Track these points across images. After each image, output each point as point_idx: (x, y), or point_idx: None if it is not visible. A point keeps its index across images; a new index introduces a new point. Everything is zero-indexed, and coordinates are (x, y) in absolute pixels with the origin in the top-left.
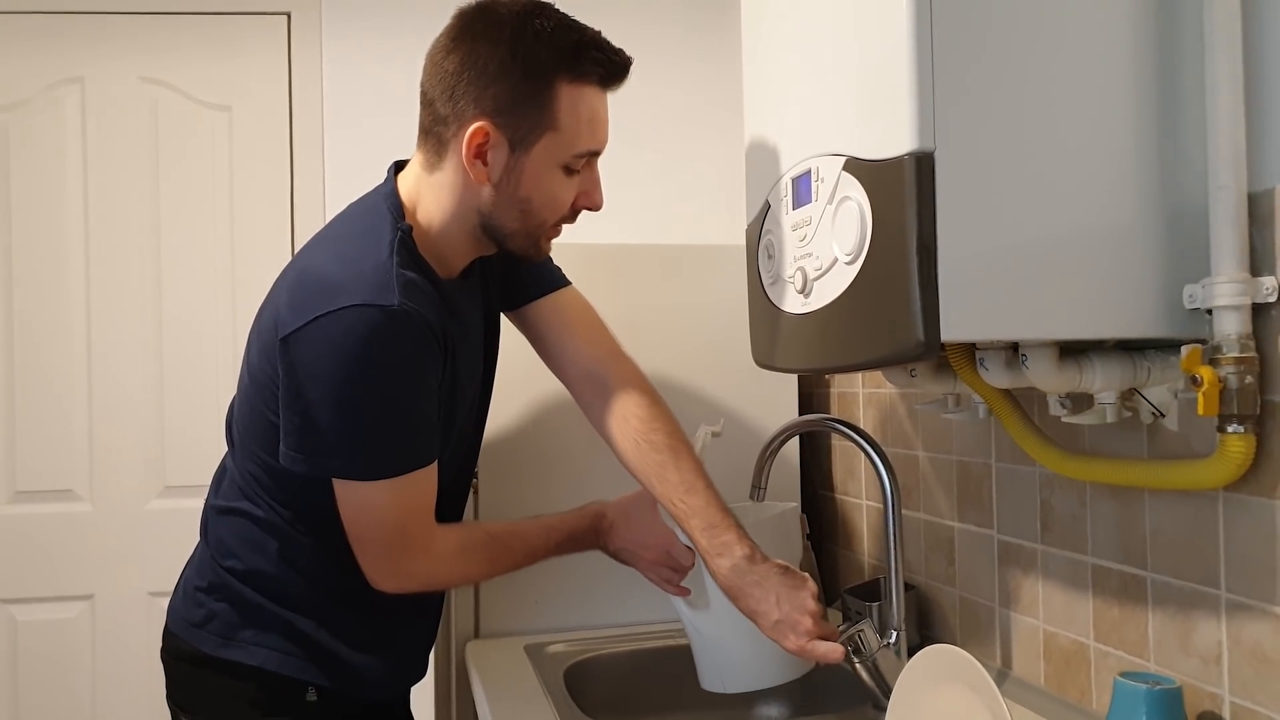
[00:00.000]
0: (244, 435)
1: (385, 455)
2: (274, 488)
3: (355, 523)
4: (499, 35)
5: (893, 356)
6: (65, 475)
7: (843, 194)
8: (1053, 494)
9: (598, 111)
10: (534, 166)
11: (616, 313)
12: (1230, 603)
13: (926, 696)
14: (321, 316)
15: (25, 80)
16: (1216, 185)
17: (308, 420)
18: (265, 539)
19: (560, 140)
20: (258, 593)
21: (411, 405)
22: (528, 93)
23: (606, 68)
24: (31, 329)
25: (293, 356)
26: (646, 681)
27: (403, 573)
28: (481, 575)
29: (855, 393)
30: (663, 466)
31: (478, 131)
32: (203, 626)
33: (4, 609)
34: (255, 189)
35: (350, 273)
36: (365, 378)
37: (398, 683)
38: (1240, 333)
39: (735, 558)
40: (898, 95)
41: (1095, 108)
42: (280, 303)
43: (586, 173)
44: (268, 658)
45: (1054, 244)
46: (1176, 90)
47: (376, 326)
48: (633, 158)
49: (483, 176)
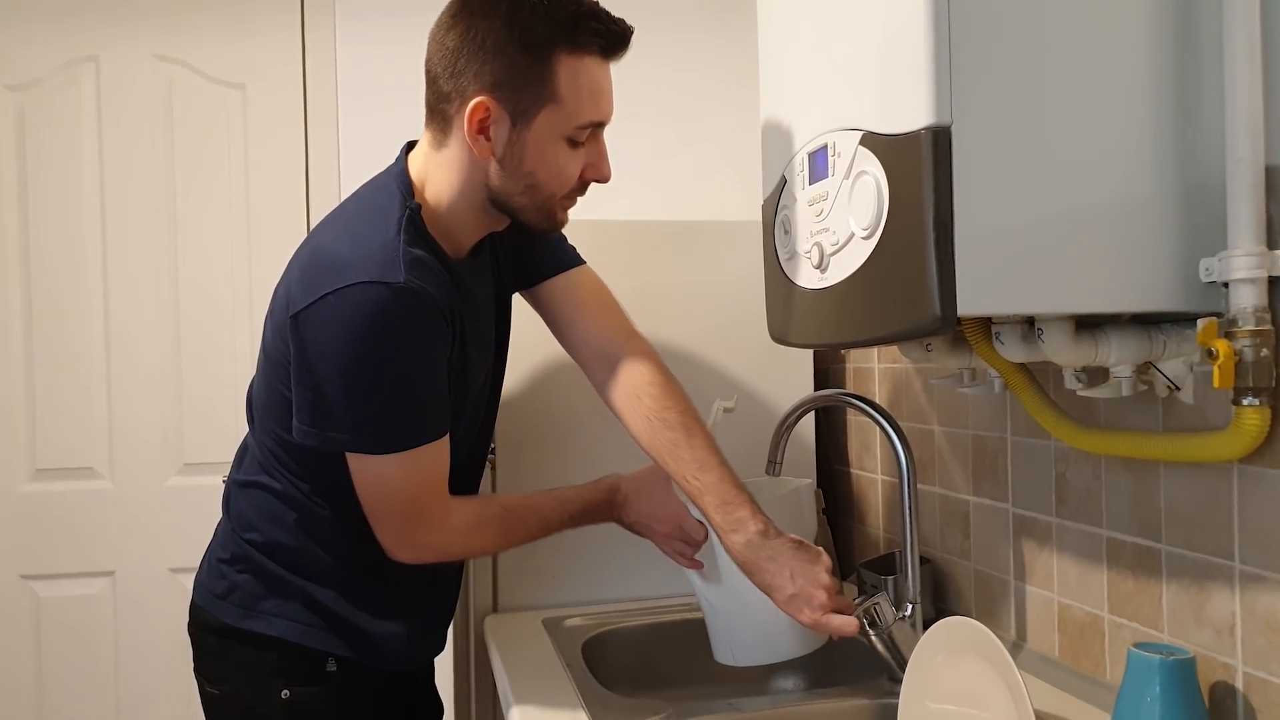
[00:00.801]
0: (262, 412)
1: (395, 429)
2: (291, 462)
3: (369, 496)
4: (496, 10)
5: (909, 331)
6: (85, 453)
7: (859, 169)
8: (1068, 467)
9: (599, 82)
10: (536, 139)
11: (632, 289)
12: (1244, 574)
13: (942, 668)
14: (330, 294)
15: (41, 59)
16: (1234, 158)
17: (319, 396)
18: (284, 511)
19: (561, 112)
20: (278, 564)
21: (420, 380)
22: (526, 66)
23: (605, 37)
24: (50, 308)
25: (303, 333)
26: (663, 654)
27: (418, 544)
28: (496, 547)
29: (871, 368)
30: (676, 444)
31: (478, 106)
32: (225, 598)
33: (26, 585)
34: (270, 166)
35: (359, 251)
36: (373, 353)
37: (417, 653)
38: (1256, 305)
39: (749, 533)
40: (915, 70)
41: (1112, 82)
42: (292, 280)
43: (592, 144)
44: (288, 628)
45: (1070, 218)
46: (1194, 63)
47: (383, 303)
48: (649, 133)
49: (486, 151)
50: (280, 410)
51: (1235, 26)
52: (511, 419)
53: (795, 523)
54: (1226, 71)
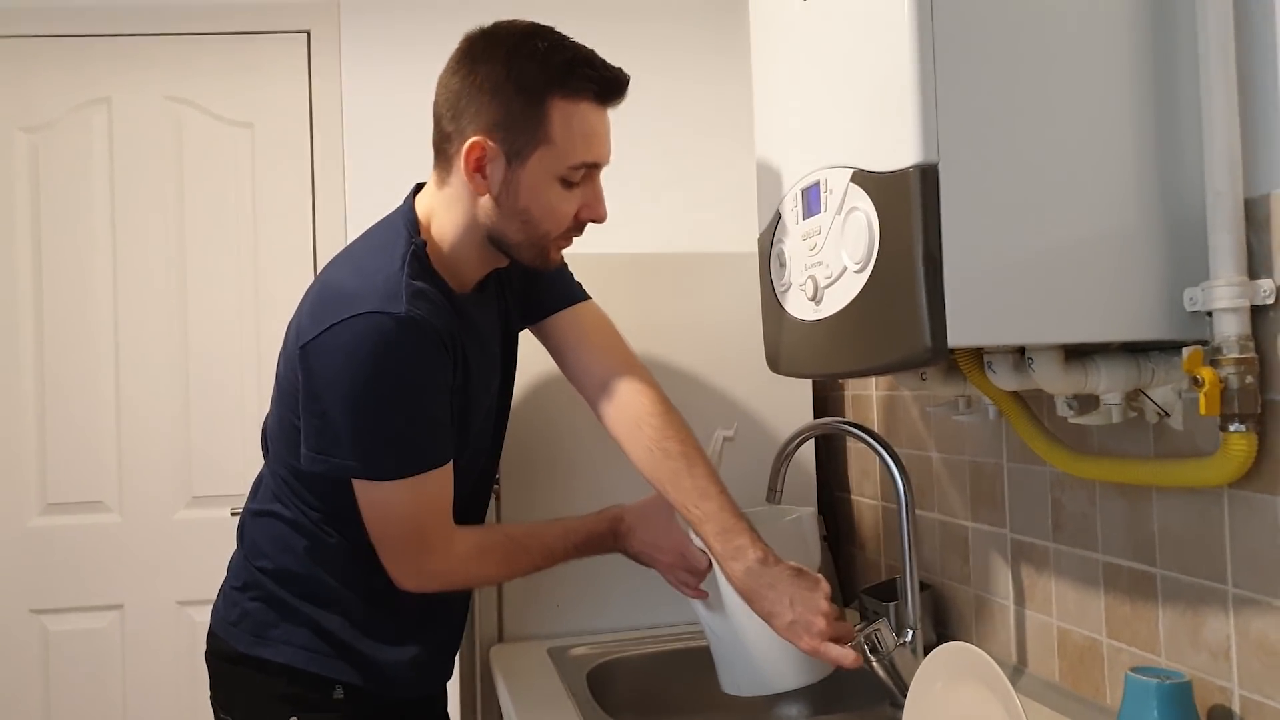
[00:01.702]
0: (275, 443)
1: (399, 455)
2: (302, 490)
3: (375, 522)
4: (496, 56)
5: (901, 362)
6: (95, 487)
7: (851, 205)
8: (1063, 493)
9: (593, 126)
10: (530, 179)
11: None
12: (1237, 598)
13: (942, 694)
14: (336, 324)
15: (54, 101)
16: (1214, 191)
17: (325, 423)
18: (295, 538)
19: (553, 153)
20: (288, 591)
21: (423, 407)
22: (521, 108)
23: (599, 84)
24: (61, 345)
25: (310, 363)
26: (668, 683)
27: (423, 572)
28: (500, 576)
29: (869, 395)
30: (677, 474)
31: (475, 145)
32: (237, 625)
33: (36, 619)
34: (278, 204)
35: (364, 284)
36: (377, 380)
37: (424, 682)
38: (1240, 334)
39: (749, 560)
40: (902, 109)
41: (1094, 118)
42: (303, 314)
43: (587, 185)
44: (295, 655)
45: (1057, 251)
46: (1173, 99)
47: (385, 333)
48: (648, 168)
49: (483, 189)
50: (292, 440)
51: (1212, 64)
52: (517, 449)
53: (798, 551)
54: (1204, 107)
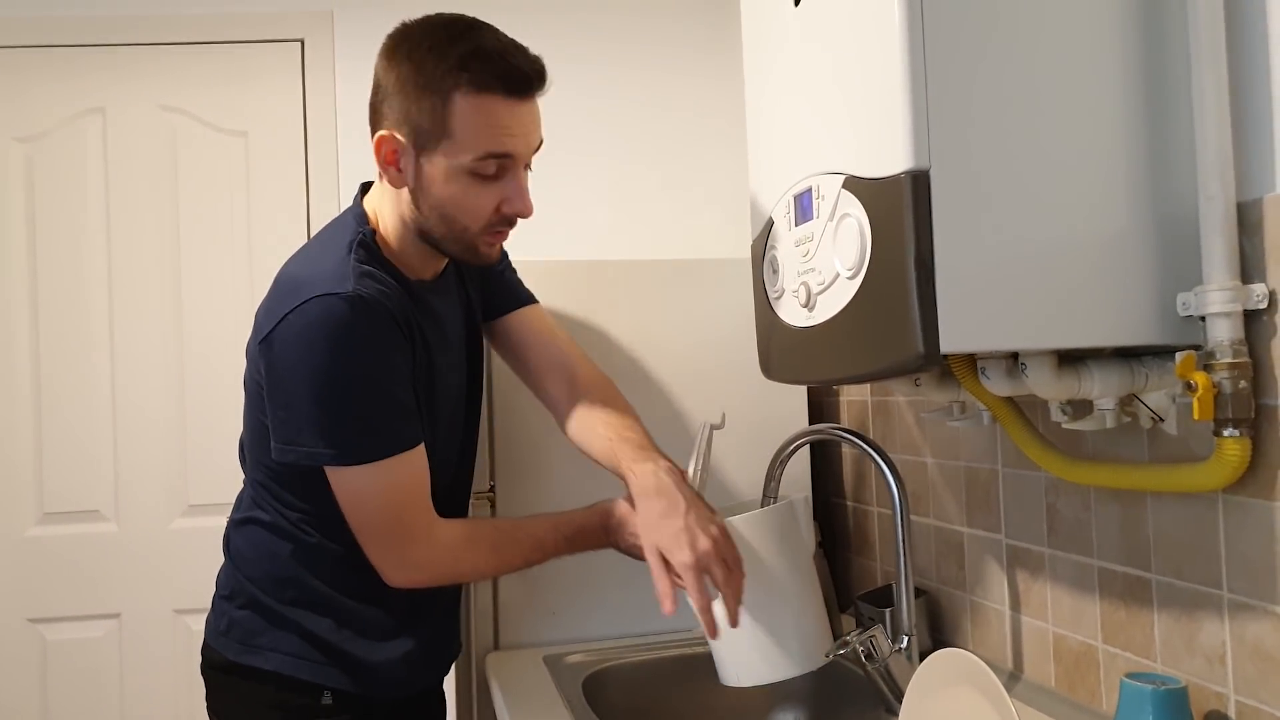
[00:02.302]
0: (250, 450)
1: (366, 437)
2: (281, 492)
3: (353, 512)
4: (403, 52)
5: (895, 368)
6: (91, 496)
7: (843, 211)
8: (1058, 498)
9: (499, 118)
10: (436, 171)
11: (626, 327)
12: (1232, 603)
13: (938, 700)
14: (289, 313)
15: (49, 111)
16: (1206, 196)
17: (290, 412)
18: (277, 543)
19: (455, 146)
20: (273, 598)
21: (384, 386)
22: (424, 102)
23: (504, 77)
24: (57, 355)
25: (269, 354)
26: (664, 690)
27: (407, 562)
28: (489, 568)
29: (864, 401)
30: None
31: (383, 139)
32: (227, 634)
33: (33, 628)
34: (272, 212)
35: (313, 270)
36: (334, 362)
37: (416, 679)
38: (1233, 339)
39: (660, 468)
40: (893, 116)
41: (1086, 122)
42: (260, 313)
43: (507, 179)
44: (282, 662)
45: (1049, 256)
46: (1165, 103)
47: (335, 312)
48: (641, 174)
49: (399, 181)
50: (263, 440)
51: (1203, 67)
52: (511, 452)
53: (791, 536)
54: (1196, 112)
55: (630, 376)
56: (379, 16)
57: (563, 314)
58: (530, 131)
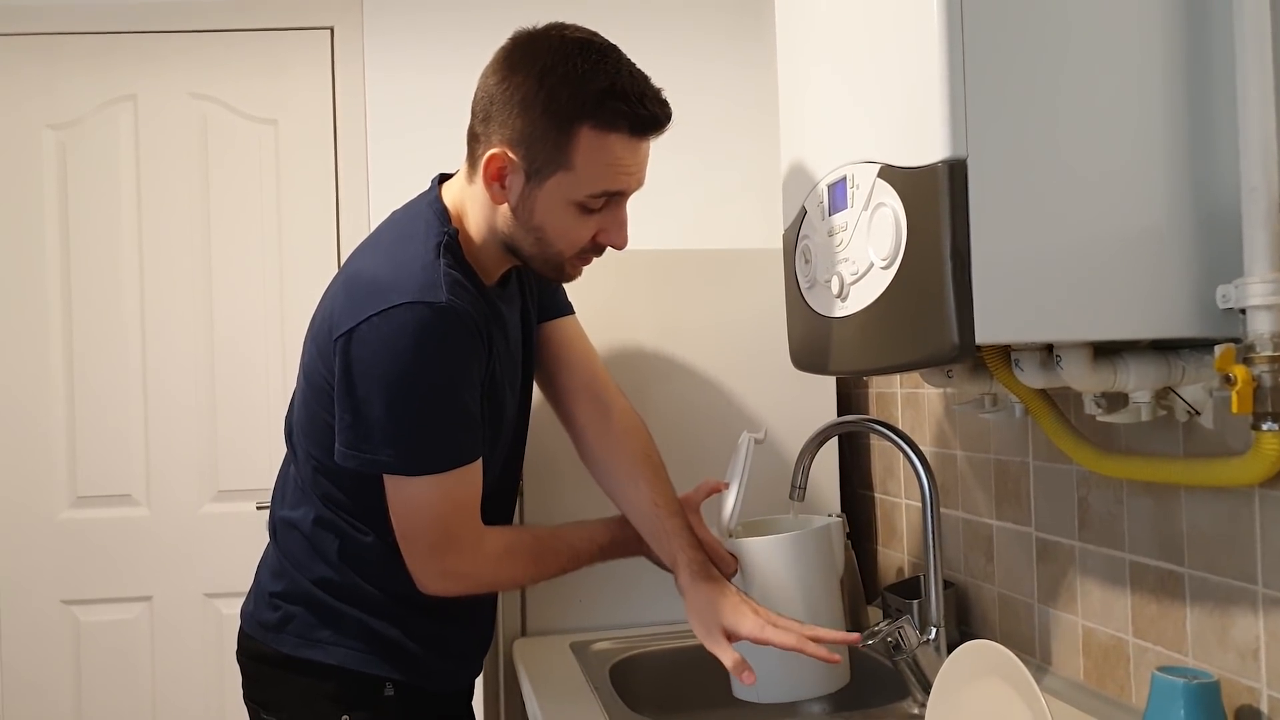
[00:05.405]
0: (302, 437)
1: (433, 450)
2: (330, 487)
3: (403, 519)
4: (532, 69)
5: (927, 359)
6: (123, 481)
7: (878, 200)
8: (1090, 491)
9: (621, 158)
10: (546, 199)
11: (655, 318)
12: (1267, 598)
13: (965, 691)
14: (374, 315)
15: (81, 99)
16: (1248, 187)
17: (359, 417)
18: (328, 540)
19: (572, 180)
20: (330, 596)
21: (458, 400)
22: (546, 129)
23: (632, 120)
24: (89, 341)
25: (348, 355)
26: (690, 678)
27: (448, 571)
28: (526, 578)
29: (893, 393)
30: (662, 481)
31: (495, 157)
32: (281, 629)
33: (67, 610)
34: (301, 200)
35: (401, 273)
36: (416, 373)
37: (464, 673)
38: (1273, 332)
39: (713, 575)
40: (930, 104)
41: (1126, 112)
42: (334, 305)
43: (611, 211)
44: (346, 656)
45: (1086, 247)
46: (1207, 92)
47: (426, 323)
48: (671, 162)
49: (501, 199)
50: (321, 436)
51: (1248, 57)
52: (538, 450)
53: (824, 558)
54: (1240, 101)
55: (658, 367)
56: (408, 4)
57: (591, 304)
58: (644, 168)
